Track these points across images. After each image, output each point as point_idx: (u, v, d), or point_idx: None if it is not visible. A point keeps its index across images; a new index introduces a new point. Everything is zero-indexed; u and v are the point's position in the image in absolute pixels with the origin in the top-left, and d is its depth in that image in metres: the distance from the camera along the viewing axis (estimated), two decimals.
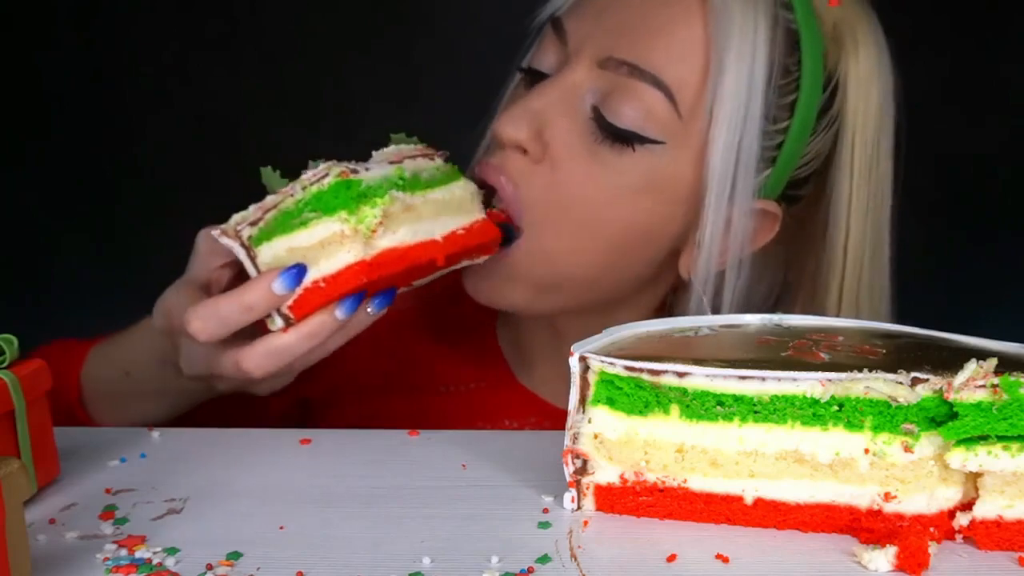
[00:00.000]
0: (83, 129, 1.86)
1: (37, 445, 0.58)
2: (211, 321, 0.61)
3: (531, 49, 0.78)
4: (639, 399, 0.54)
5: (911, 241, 0.80)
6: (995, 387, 0.49)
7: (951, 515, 0.53)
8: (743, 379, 0.52)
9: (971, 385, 0.50)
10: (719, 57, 0.69)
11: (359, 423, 0.79)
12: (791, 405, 0.52)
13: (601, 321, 0.64)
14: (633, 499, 0.56)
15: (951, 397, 0.50)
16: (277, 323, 0.63)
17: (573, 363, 0.55)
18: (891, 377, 0.51)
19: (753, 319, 0.62)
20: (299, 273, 0.61)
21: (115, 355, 0.78)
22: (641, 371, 0.53)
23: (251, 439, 0.67)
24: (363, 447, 0.65)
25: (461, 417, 0.83)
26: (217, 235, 0.63)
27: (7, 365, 0.57)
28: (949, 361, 0.51)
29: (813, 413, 0.52)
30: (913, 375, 0.51)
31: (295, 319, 0.62)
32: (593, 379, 0.55)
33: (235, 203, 0.64)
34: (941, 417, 0.51)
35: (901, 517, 0.52)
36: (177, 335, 0.66)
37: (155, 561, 0.51)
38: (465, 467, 0.62)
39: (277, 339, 0.62)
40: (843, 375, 0.51)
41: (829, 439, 0.53)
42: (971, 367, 0.50)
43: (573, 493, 0.56)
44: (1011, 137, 1.67)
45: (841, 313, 0.76)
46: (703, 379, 0.53)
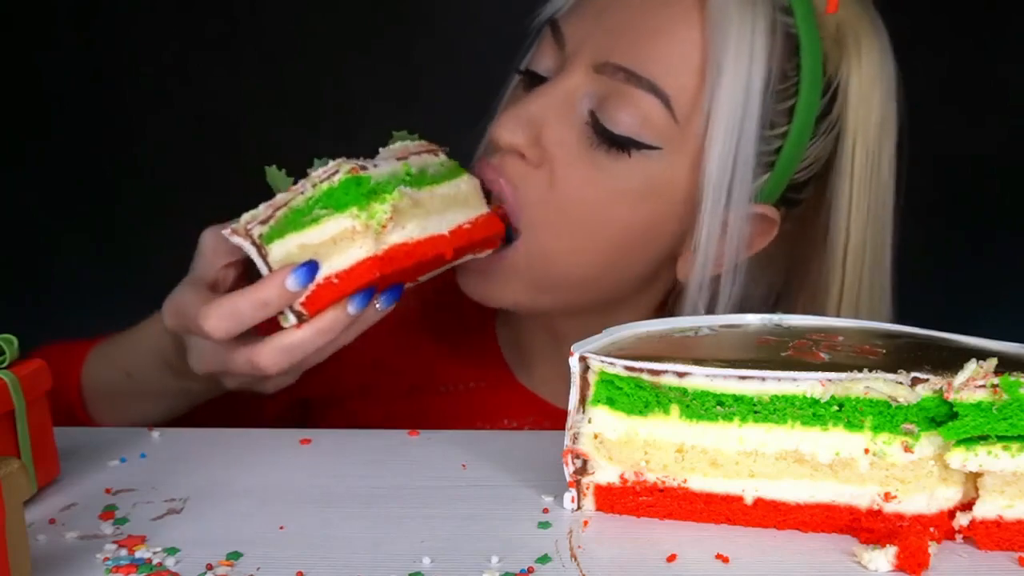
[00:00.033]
0: (83, 129, 1.86)
1: (37, 445, 0.58)
2: (226, 318, 0.62)
3: (530, 51, 0.78)
4: (639, 399, 0.54)
5: (910, 241, 0.80)
6: (995, 387, 0.49)
7: (951, 515, 0.53)
8: (743, 379, 0.52)
9: (971, 385, 0.50)
10: (716, 63, 0.68)
11: (359, 423, 0.79)
12: (791, 405, 0.52)
13: (601, 321, 0.63)
14: (633, 499, 0.56)
15: (951, 397, 0.50)
16: (290, 320, 0.63)
17: (573, 363, 0.55)
18: (891, 377, 0.51)
19: (753, 319, 0.62)
20: (312, 269, 0.62)
21: (116, 356, 0.78)
22: (641, 371, 0.53)
23: (251, 439, 0.67)
24: (363, 447, 0.65)
25: (461, 417, 0.83)
26: (228, 234, 0.63)
27: (7, 365, 0.57)
28: (949, 361, 0.51)
29: (813, 413, 0.52)
30: (913, 375, 0.51)
31: (308, 315, 0.63)
32: (593, 379, 0.55)
33: (235, 203, 0.64)
34: (941, 417, 0.51)
35: (901, 517, 0.53)
36: (188, 333, 0.66)
37: (155, 561, 0.51)
38: (465, 467, 0.62)
39: (291, 335, 0.63)
40: (843, 375, 0.51)
41: (829, 439, 0.53)
42: (971, 367, 0.50)
43: (573, 493, 0.56)
44: (1010, 137, 1.67)
45: (841, 315, 0.76)
46: (703, 379, 0.53)
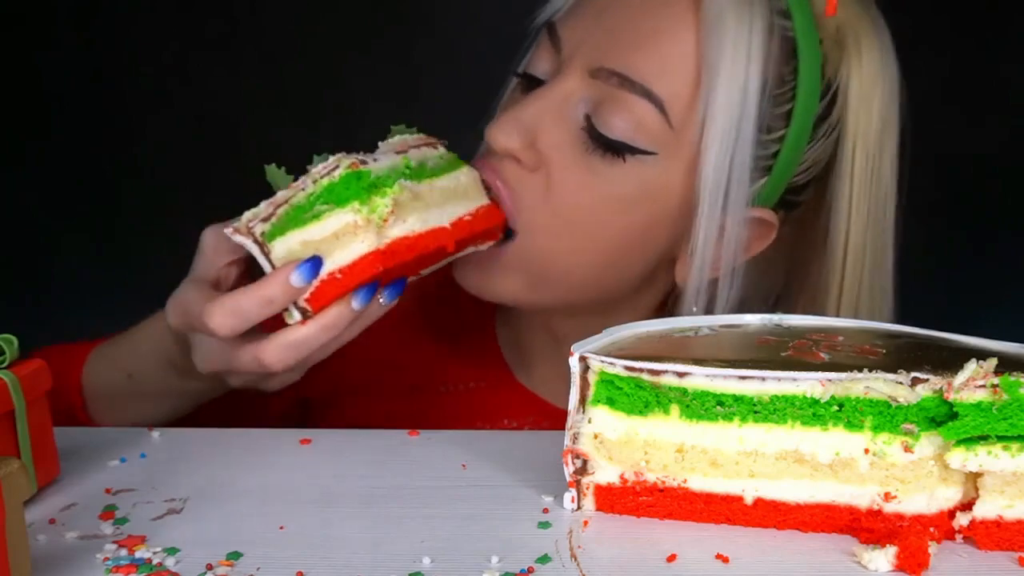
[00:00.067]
0: (83, 129, 1.86)
1: (37, 445, 0.58)
2: (231, 315, 0.62)
3: (528, 53, 0.78)
4: (639, 399, 0.54)
5: (911, 241, 0.79)
6: (995, 387, 0.49)
7: (951, 515, 0.53)
8: (743, 379, 0.52)
9: (971, 385, 0.50)
10: (711, 68, 0.68)
11: (359, 423, 0.79)
12: (791, 405, 0.52)
13: (600, 321, 0.63)
14: (633, 499, 0.56)
15: (951, 397, 0.50)
16: (295, 316, 0.63)
17: (573, 363, 0.55)
18: (891, 377, 0.51)
19: (753, 319, 0.62)
20: (316, 265, 0.62)
21: (116, 357, 0.78)
22: (641, 371, 0.53)
23: (251, 439, 0.67)
24: (363, 447, 0.65)
25: (461, 417, 0.83)
26: (230, 233, 0.63)
27: (7, 365, 0.57)
28: (949, 361, 0.51)
29: (813, 413, 0.52)
30: (913, 375, 0.51)
31: (312, 311, 0.63)
32: (593, 379, 0.55)
33: (235, 203, 0.64)
34: (941, 417, 0.51)
35: (901, 517, 0.52)
36: (192, 332, 0.66)
37: (155, 561, 0.51)
38: (465, 467, 0.62)
39: (296, 332, 0.63)
40: (843, 375, 0.51)
41: (829, 439, 0.53)
42: (971, 367, 0.50)
43: (573, 493, 0.56)
44: (1011, 137, 1.67)
45: (840, 315, 0.76)
46: (703, 379, 0.53)
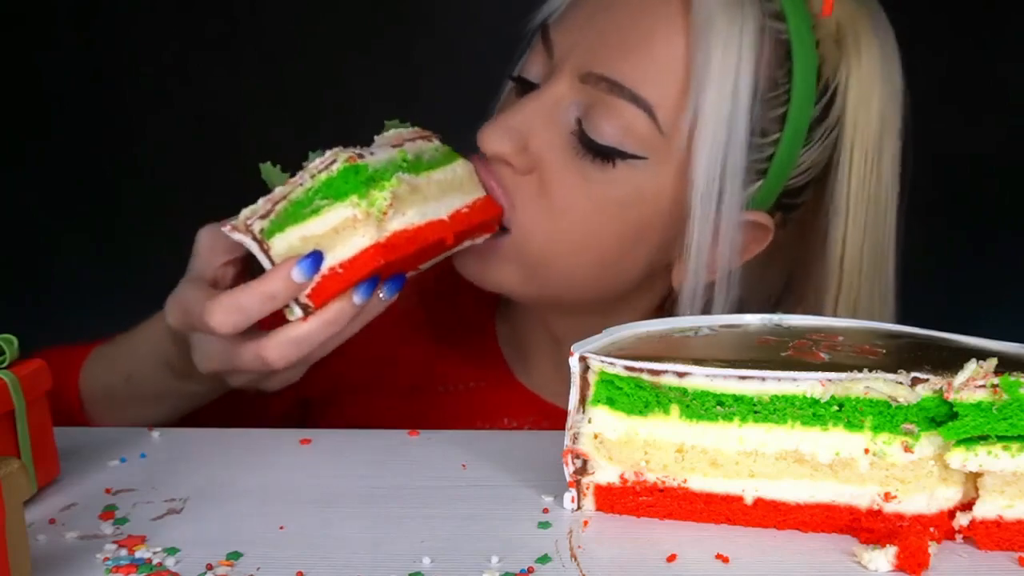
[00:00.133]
0: (83, 129, 1.86)
1: (37, 445, 0.58)
2: (233, 313, 0.61)
3: (523, 56, 0.78)
4: (639, 399, 0.54)
5: (911, 241, 0.79)
6: (995, 387, 0.49)
7: (951, 515, 0.53)
8: (743, 379, 0.52)
9: (971, 385, 0.50)
10: (700, 72, 0.67)
11: (359, 423, 0.78)
12: (791, 405, 0.52)
13: (599, 321, 0.63)
14: (633, 499, 0.56)
15: (951, 397, 0.50)
16: (296, 312, 0.63)
17: (573, 363, 0.54)
18: (891, 377, 0.51)
19: (753, 319, 0.62)
20: (317, 260, 0.62)
21: (115, 359, 0.78)
22: (641, 371, 0.53)
23: (251, 439, 0.67)
24: (363, 447, 0.65)
25: (461, 417, 0.83)
26: (228, 231, 0.63)
27: (7, 365, 0.57)
28: (949, 361, 0.51)
29: (813, 413, 0.52)
30: (913, 375, 0.51)
31: (314, 307, 0.62)
32: (593, 379, 0.55)
33: (235, 203, 0.64)
34: (941, 417, 0.51)
35: (901, 517, 0.52)
36: (192, 331, 0.66)
37: (155, 561, 0.51)
38: (465, 467, 0.62)
39: (297, 328, 0.63)
40: (843, 375, 0.51)
41: (829, 439, 0.53)
42: (971, 367, 0.50)
43: (573, 493, 0.56)
44: (1009, 137, 1.67)
45: (839, 316, 0.76)
46: (703, 379, 0.53)
